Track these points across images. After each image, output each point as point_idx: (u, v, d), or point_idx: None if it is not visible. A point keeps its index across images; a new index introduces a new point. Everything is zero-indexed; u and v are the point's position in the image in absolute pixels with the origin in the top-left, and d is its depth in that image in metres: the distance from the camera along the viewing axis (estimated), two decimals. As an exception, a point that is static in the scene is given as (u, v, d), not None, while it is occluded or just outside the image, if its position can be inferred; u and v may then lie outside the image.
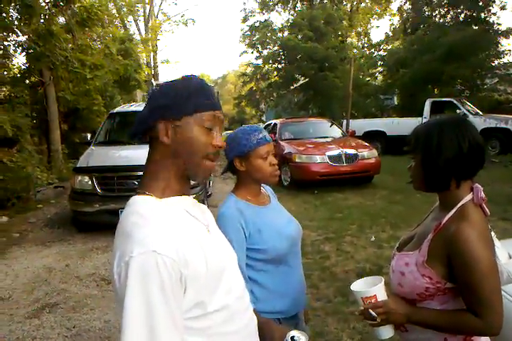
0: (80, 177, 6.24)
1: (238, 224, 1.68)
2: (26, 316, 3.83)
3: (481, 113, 13.38)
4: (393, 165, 10.76)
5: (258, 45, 23.81)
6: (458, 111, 13.02)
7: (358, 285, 1.46)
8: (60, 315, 3.82)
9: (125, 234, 0.97)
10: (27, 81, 12.06)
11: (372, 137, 13.67)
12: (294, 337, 1.10)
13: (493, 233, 1.39)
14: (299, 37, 21.83)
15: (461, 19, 19.63)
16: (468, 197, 1.37)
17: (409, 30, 22.32)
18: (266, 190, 1.95)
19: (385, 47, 25.28)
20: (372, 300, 1.38)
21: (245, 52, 24.68)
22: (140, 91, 20.03)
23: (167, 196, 1.08)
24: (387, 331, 1.42)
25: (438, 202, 1.52)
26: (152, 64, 29.47)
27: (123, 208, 1.09)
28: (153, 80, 24.27)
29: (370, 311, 1.37)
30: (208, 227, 1.14)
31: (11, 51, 10.62)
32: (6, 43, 10.20)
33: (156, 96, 1.10)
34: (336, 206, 7.50)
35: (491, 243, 1.33)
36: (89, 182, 6.14)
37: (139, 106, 8.56)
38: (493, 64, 18.24)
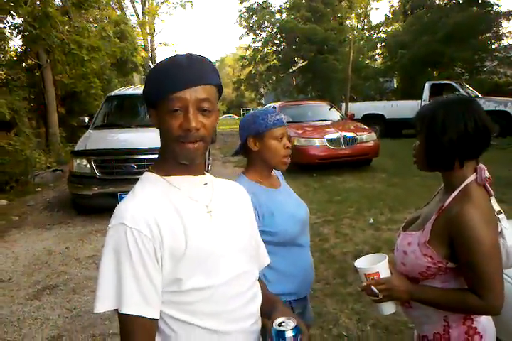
0: (78, 161, 6.23)
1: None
2: (27, 298, 3.87)
3: (480, 95, 13.30)
4: (392, 148, 10.77)
5: (256, 28, 23.46)
6: (457, 93, 12.93)
7: (362, 262, 1.48)
8: (61, 297, 3.85)
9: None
10: (24, 64, 11.96)
11: (371, 120, 13.58)
12: (282, 322, 1.10)
13: (502, 215, 1.39)
14: (298, 18, 21.52)
15: (461, 0, 19.32)
16: (472, 177, 1.36)
17: (409, 12, 22.03)
18: (276, 173, 1.94)
19: (384, 29, 24.98)
20: (375, 277, 1.40)
21: (245, 34, 24.33)
22: (137, 74, 19.85)
23: (171, 175, 1.12)
24: (389, 307, 1.45)
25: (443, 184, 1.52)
26: (150, 47, 29.14)
27: (121, 191, 1.20)
28: (150, 63, 24.06)
29: (372, 287, 1.39)
30: (210, 208, 1.12)
31: (7, 34, 10.47)
32: (1, 25, 10.06)
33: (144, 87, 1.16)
34: (335, 189, 7.51)
35: (494, 223, 1.33)
36: (88, 166, 6.12)
37: (136, 89, 8.48)
38: (494, 46, 18.06)
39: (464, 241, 1.28)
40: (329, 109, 11.03)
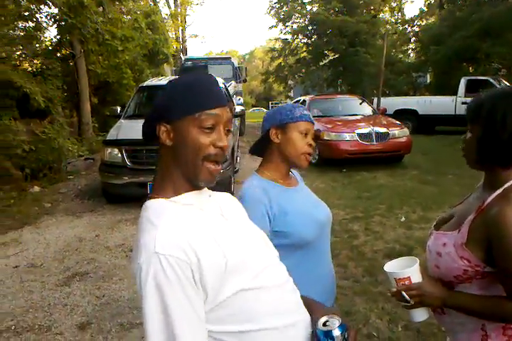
0: (109, 150, 6.30)
1: (263, 208, 1.55)
2: (57, 284, 3.93)
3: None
4: (425, 145, 10.51)
5: (286, 19, 23.21)
6: (475, 95, 12.49)
7: (392, 266, 1.40)
8: (90, 284, 3.90)
9: (136, 241, 1.01)
10: (58, 54, 12.13)
11: (403, 115, 13.28)
12: (326, 322, 1.05)
13: None
14: (330, 10, 21.18)
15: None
16: None
17: (444, 6, 21.38)
18: (294, 174, 1.81)
19: (419, 23, 24.35)
20: (406, 282, 1.32)
21: (274, 26, 24.13)
22: (168, 65, 19.97)
23: (179, 194, 1.07)
24: (421, 313, 1.36)
25: (482, 182, 1.41)
26: (181, 38, 29.27)
27: (151, 181, 1.12)
28: (181, 55, 24.17)
29: (403, 293, 1.31)
30: (226, 217, 1.12)
31: (43, 24, 10.65)
32: (37, 15, 10.23)
33: (159, 96, 1.11)
34: (365, 185, 7.37)
35: None
36: (119, 155, 6.18)
37: (167, 80, 8.49)
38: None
39: (502, 245, 1.18)
40: (360, 104, 10.83)
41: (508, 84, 13.35)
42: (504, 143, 1.24)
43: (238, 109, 8.12)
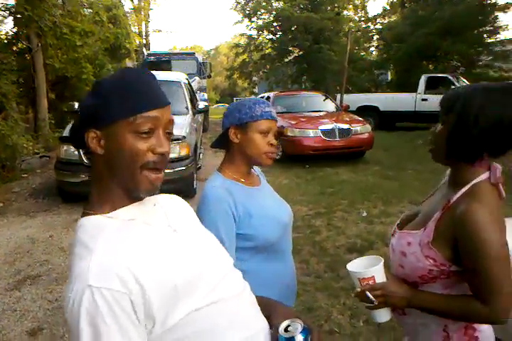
0: (65, 147, 6.05)
1: (227, 207, 1.49)
2: (7, 288, 3.72)
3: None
4: (386, 140, 10.68)
5: (252, 15, 23.14)
6: (453, 87, 12.85)
7: (355, 265, 1.35)
8: (42, 287, 3.71)
9: (70, 266, 0.90)
10: (14, 47, 11.63)
11: (365, 112, 13.48)
12: (287, 327, 0.98)
13: (506, 218, 1.27)
14: (295, 6, 21.24)
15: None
16: (484, 175, 1.23)
17: (406, 4, 21.81)
18: (256, 171, 1.76)
19: (381, 22, 24.77)
20: (370, 282, 1.28)
21: (239, 22, 24.01)
22: (130, 60, 19.55)
23: (118, 208, 0.96)
24: (384, 314, 1.33)
25: (446, 178, 1.38)
26: (144, 33, 28.70)
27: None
28: (144, 49, 23.70)
29: (368, 294, 1.26)
30: (173, 227, 1.01)
31: (-1, 16, 10.19)
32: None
33: (86, 98, 0.96)
34: (328, 181, 7.41)
35: (503, 226, 1.19)
36: (75, 152, 5.94)
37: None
38: (490, 40, 17.95)
39: (470, 243, 1.16)
40: (324, 100, 10.90)
41: (466, 81, 13.76)
42: (473, 138, 1.20)
43: (202, 105, 8.00)
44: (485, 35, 17.85)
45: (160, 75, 5.70)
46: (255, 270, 1.53)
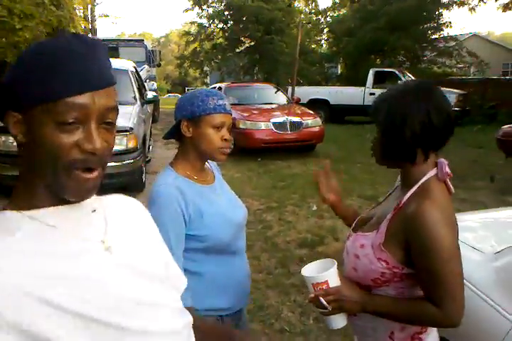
0: (3, 138, 5.70)
1: (177, 207, 1.42)
2: None
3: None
4: (336, 134, 10.85)
5: (202, 2, 22.71)
6: (399, 81, 13.24)
7: (309, 270, 1.32)
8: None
9: None
10: None
11: (316, 105, 13.64)
12: None
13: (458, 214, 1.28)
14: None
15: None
16: (432, 172, 1.23)
17: (356, -2, 22.20)
18: (211, 166, 1.69)
19: (331, 15, 25.08)
20: (324, 287, 1.24)
21: (190, 9, 23.46)
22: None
23: (41, 207, 0.77)
24: (339, 320, 1.29)
25: (399, 182, 1.39)
26: (90, 18, 27.50)
27: None
28: (90, 35, 22.73)
29: (321, 299, 1.23)
30: (107, 243, 0.81)
31: None
32: None
33: (9, 71, 0.75)
34: (280, 174, 7.44)
35: (454, 224, 1.20)
36: (15, 143, 5.61)
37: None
38: (434, 36, 18.64)
39: (421, 242, 1.15)
40: (275, 92, 10.91)
41: (411, 76, 14.21)
42: (406, 141, 1.21)
43: (150, 94, 7.76)
44: (429, 32, 18.51)
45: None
46: (209, 271, 1.50)
